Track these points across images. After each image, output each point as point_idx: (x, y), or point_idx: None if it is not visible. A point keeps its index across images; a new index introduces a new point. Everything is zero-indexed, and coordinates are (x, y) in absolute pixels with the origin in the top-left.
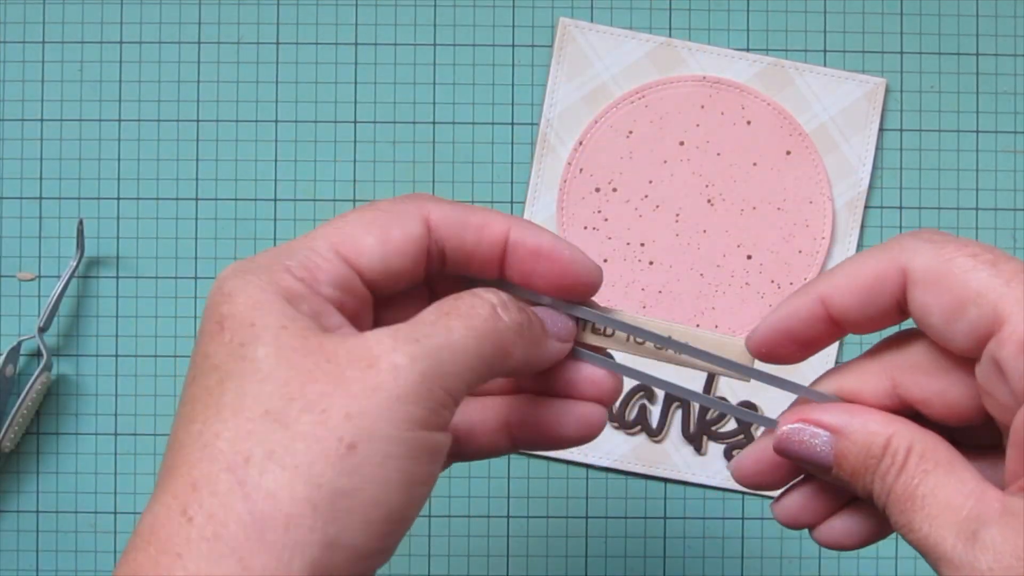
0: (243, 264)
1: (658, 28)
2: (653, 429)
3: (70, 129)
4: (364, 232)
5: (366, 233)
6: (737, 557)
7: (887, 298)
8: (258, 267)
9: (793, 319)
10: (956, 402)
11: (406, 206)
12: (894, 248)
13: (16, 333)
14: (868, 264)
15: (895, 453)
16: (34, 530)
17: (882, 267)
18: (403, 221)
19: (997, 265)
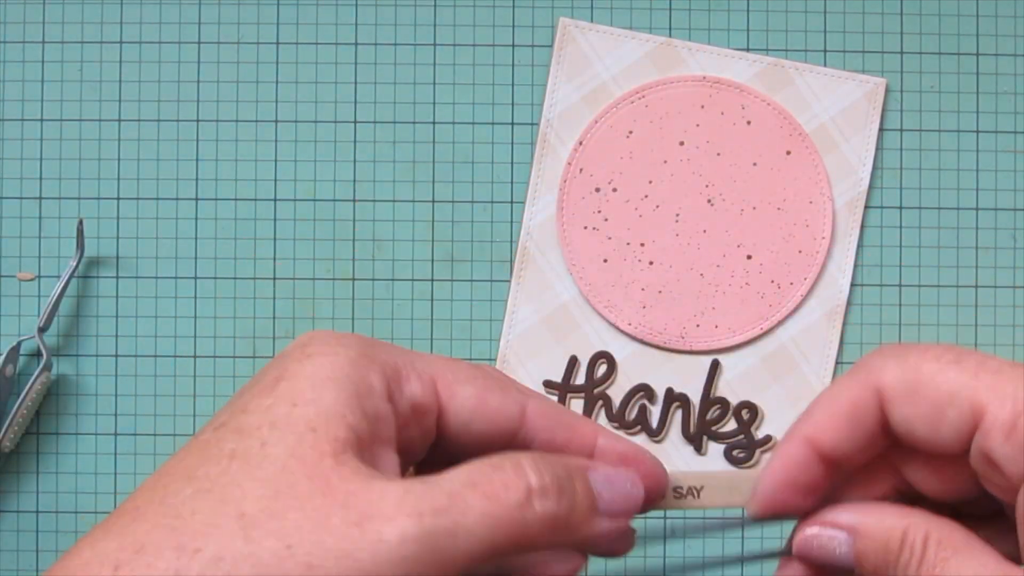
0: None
1: (658, 28)
2: (653, 429)
3: (70, 129)
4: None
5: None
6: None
7: (870, 422)
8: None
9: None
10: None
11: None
12: (862, 372)
13: (16, 333)
14: (842, 394)
15: (913, 545)
16: (34, 530)
17: (856, 393)
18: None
19: (961, 362)
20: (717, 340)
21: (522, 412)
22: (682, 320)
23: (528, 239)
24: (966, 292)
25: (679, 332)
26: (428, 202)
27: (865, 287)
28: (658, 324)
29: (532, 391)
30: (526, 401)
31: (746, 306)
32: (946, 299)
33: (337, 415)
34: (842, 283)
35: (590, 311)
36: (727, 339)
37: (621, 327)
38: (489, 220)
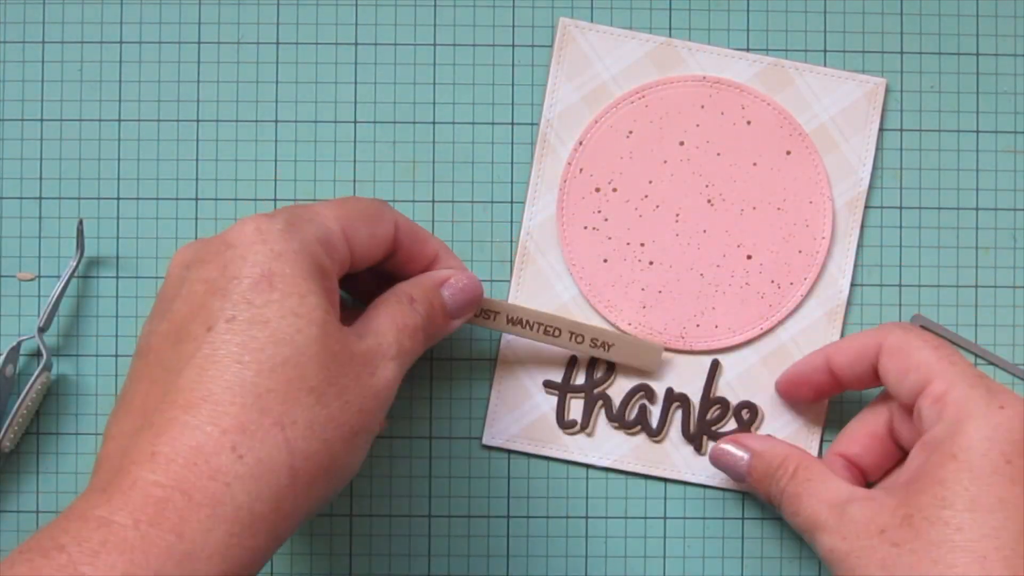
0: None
1: (658, 28)
2: (653, 429)
3: (70, 129)
4: (361, 223)
5: (362, 225)
6: (737, 557)
7: (868, 362)
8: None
9: (806, 365)
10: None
11: (383, 211)
12: (880, 329)
13: (16, 333)
14: (861, 337)
15: (786, 467)
16: (34, 530)
17: (869, 340)
18: (384, 224)
19: (937, 350)
20: (717, 340)
21: (395, 229)
22: (682, 320)
23: (528, 239)
24: (966, 292)
25: (679, 332)
26: (428, 202)
27: (865, 287)
28: (658, 324)
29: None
30: (396, 219)
31: (746, 306)
32: (946, 299)
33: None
34: (842, 283)
35: (590, 311)
36: (727, 339)
37: (621, 327)
38: (489, 220)
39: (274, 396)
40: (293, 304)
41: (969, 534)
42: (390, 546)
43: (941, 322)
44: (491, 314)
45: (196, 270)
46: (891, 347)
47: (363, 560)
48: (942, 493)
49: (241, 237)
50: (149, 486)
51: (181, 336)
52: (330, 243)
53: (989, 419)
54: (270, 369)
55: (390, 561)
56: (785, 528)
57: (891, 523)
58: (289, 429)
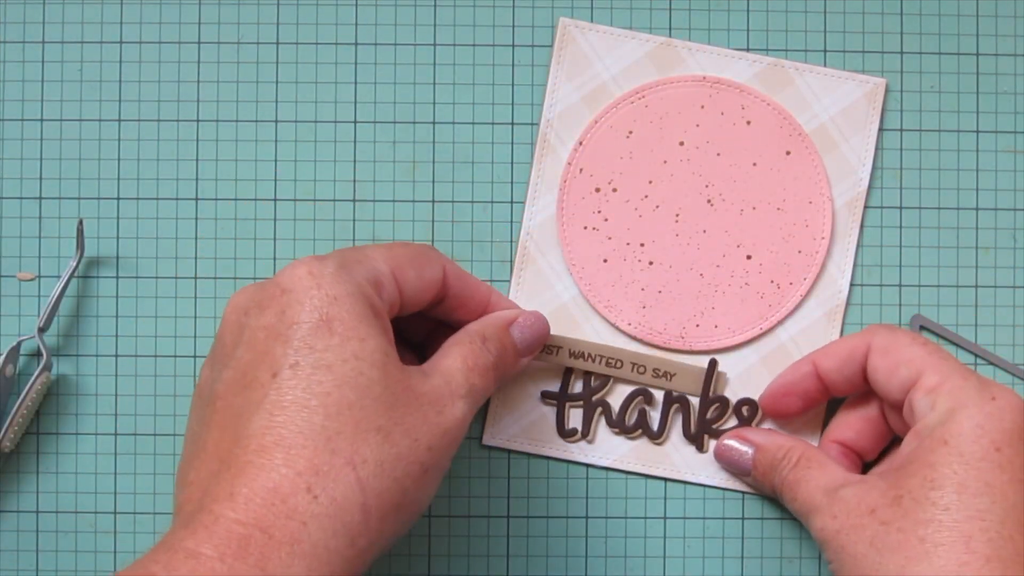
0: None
1: (658, 28)
2: (654, 432)
3: (70, 129)
4: (409, 265)
5: (410, 266)
6: (737, 557)
7: (857, 364)
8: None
9: (792, 374)
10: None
11: (431, 254)
12: (865, 332)
13: (16, 333)
14: (848, 341)
15: (789, 458)
16: (34, 530)
17: (856, 343)
18: (432, 267)
19: (926, 346)
20: (717, 340)
21: (444, 274)
22: (682, 320)
23: (528, 239)
24: (966, 292)
25: (679, 332)
26: (428, 202)
27: (865, 287)
28: (658, 324)
29: (443, 255)
30: (444, 264)
31: (746, 306)
32: (946, 299)
33: (384, 340)
34: (842, 283)
35: (590, 311)
36: (727, 339)
37: (621, 327)
38: (489, 220)
39: (343, 438)
40: (354, 348)
41: (956, 515)
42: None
43: (941, 322)
44: (554, 348)
45: (255, 317)
46: (880, 346)
47: None
48: (931, 475)
49: (295, 282)
50: (231, 523)
51: (247, 383)
52: (380, 284)
53: (981, 408)
54: (337, 412)
55: (390, 561)
56: (785, 528)
57: (881, 503)
58: (360, 468)
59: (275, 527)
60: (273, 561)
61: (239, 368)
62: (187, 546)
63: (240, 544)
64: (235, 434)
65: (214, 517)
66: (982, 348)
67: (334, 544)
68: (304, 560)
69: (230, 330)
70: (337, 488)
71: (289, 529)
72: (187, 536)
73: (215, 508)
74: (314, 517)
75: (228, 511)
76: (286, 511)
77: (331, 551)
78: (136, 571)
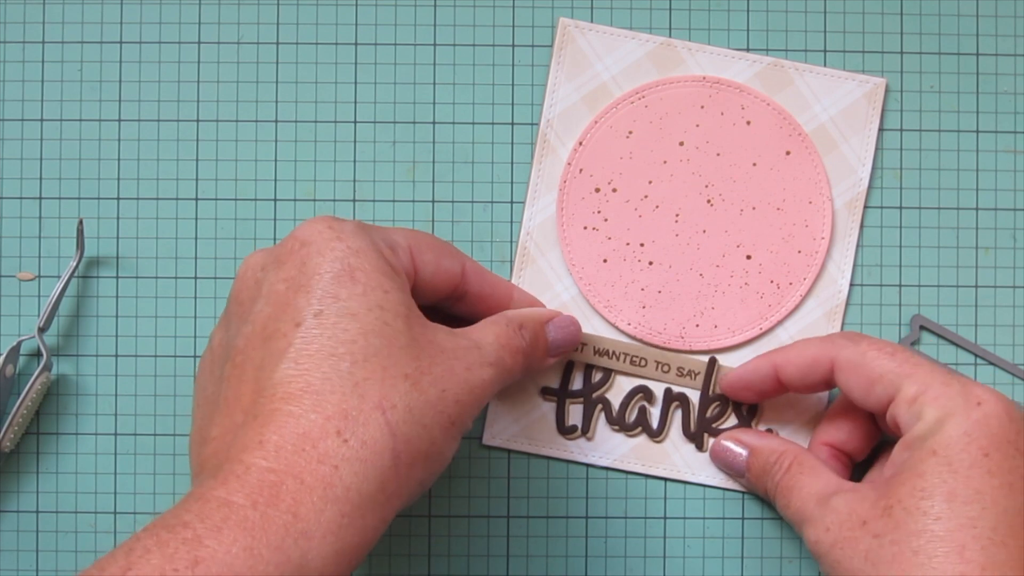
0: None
1: (658, 28)
2: (654, 430)
3: (70, 129)
4: (427, 248)
5: (428, 250)
6: (737, 557)
7: (818, 375)
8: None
9: (752, 374)
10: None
11: (451, 248)
12: (827, 342)
13: (16, 333)
14: (810, 350)
15: (781, 462)
16: (34, 530)
17: (819, 354)
18: (451, 259)
19: (895, 356)
20: (717, 340)
21: (463, 270)
22: (681, 320)
23: (528, 239)
24: (966, 292)
25: (678, 332)
26: (428, 202)
27: (865, 287)
28: (657, 324)
29: (464, 254)
30: (464, 261)
31: (745, 306)
32: (946, 299)
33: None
34: (841, 283)
35: (590, 311)
36: (727, 339)
37: (621, 327)
38: (489, 220)
39: (371, 384)
40: (378, 298)
41: (948, 524)
42: (390, 546)
43: (941, 322)
44: (579, 346)
45: (274, 271)
46: (846, 363)
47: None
48: (921, 485)
49: (315, 235)
50: (262, 472)
51: (269, 334)
52: (396, 251)
53: (968, 415)
54: (364, 359)
55: (390, 561)
56: (785, 528)
57: (872, 514)
58: (390, 413)
59: (306, 472)
60: (306, 506)
61: (259, 322)
62: (218, 495)
63: (272, 491)
64: (258, 385)
65: (245, 467)
66: (982, 348)
67: (366, 488)
68: (336, 504)
69: (246, 287)
70: (367, 432)
71: (321, 473)
72: (217, 486)
73: (244, 457)
74: (345, 461)
75: (259, 459)
76: (317, 456)
77: (363, 495)
78: (168, 520)
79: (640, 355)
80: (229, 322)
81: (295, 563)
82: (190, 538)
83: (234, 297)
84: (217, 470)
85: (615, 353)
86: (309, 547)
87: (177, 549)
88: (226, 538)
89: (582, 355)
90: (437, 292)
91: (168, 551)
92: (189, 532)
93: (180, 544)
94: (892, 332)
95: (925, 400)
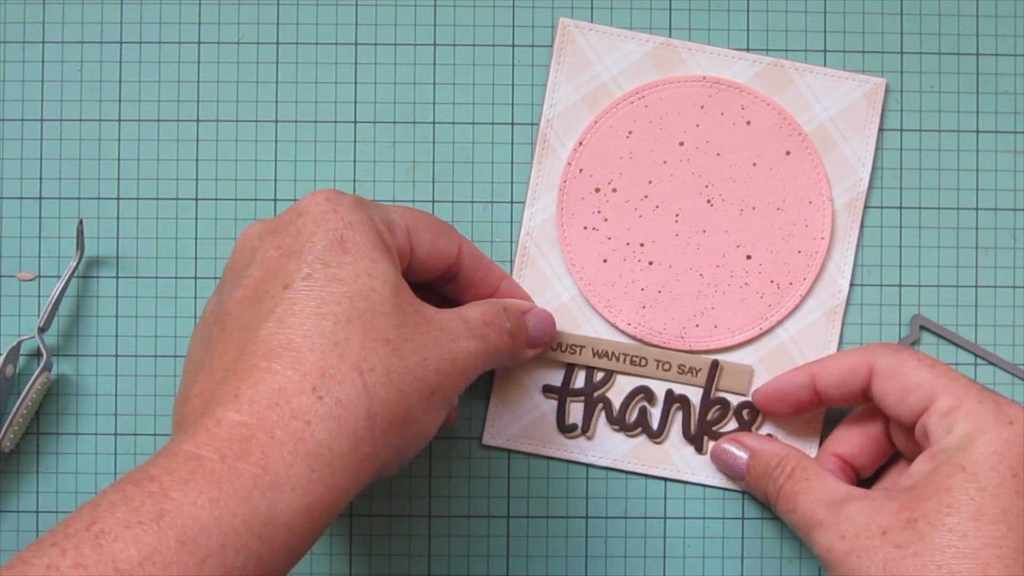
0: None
1: (658, 28)
2: (654, 431)
3: (70, 129)
4: (425, 227)
5: (426, 229)
6: (737, 557)
7: (855, 383)
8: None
9: (789, 384)
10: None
11: (449, 228)
12: (867, 350)
13: (16, 333)
14: (849, 357)
15: (784, 467)
16: (34, 530)
17: (858, 361)
18: (448, 238)
19: (934, 368)
20: (717, 340)
21: (459, 251)
22: (681, 320)
23: (528, 239)
24: (966, 292)
25: (679, 332)
26: (428, 202)
27: (865, 287)
28: (657, 324)
29: (461, 234)
30: (461, 242)
31: (745, 306)
32: (946, 299)
33: (396, 269)
34: (841, 283)
35: (590, 311)
36: (727, 339)
37: (620, 327)
38: (489, 220)
39: (351, 344)
40: (367, 266)
41: (972, 542)
42: (390, 546)
43: (941, 322)
44: (577, 348)
45: (269, 239)
46: (884, 370)
47: (363, 560)
48: (948, 500)
49: (312, 206)
50: (234, 425)
51: (258, 296)
52: (392, 229)
53: (1000, 433)
54: (347, 320)
55: (390, 561)
56: (785, 528)
57: (893, 525)
58: (367, 375)
59: (278, 427)
60: (275, 459)
61: (250, 285)
62: (187, 449)
63: (242, 444)
64: (242, 344)
65: (216, 420)
66: (982, 348)
67: (338, 446)
68: (306, 460)
69: (241, 255)
70: (343, 391)
71: (292, 428)
72: (187, 440)
73: (218, 412)
74: (319, 417)
75: (232, 413)
76: (290, 411)
77: (334, 452)
78: (135, 475)
79: (640, 355)
80: (222, 288)
81: (262, 515)
82: (156, 491)
83: (230, 265)
84: (192, 425)
85: (614, 354)
86: (277, 499)
87: (143, 502)
88: (192, 490)
89: (581, 357)
90: (431, 271)
91: (133, 504)
92: (155, 485)
93: (146, 497)
94: (892, 332)
95: (958, 414)
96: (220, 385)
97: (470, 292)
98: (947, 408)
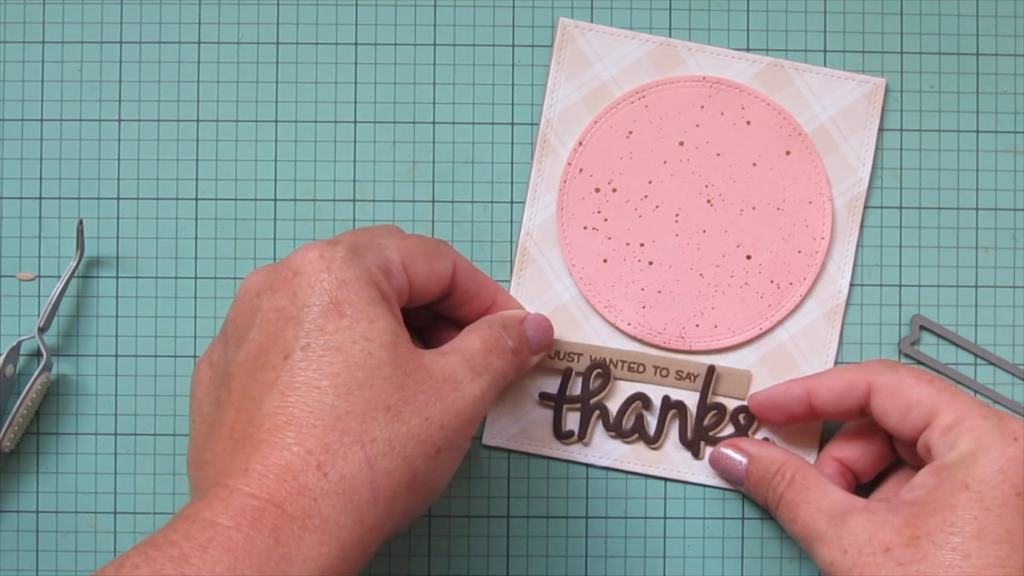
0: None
1: (658, 28)
2: (650, 437)
3: (70, 129)
4: (420, 257)
5: (421, 258)
6: (737, 557)
7: (853, 400)
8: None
9: (783, 395)
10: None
11: (443, 249)
12: (864, 367)
13: (16, 333)
14: (847, 374)
15: (783, 474)
16: (34, 530)
17: (855, 379)
18: (443, 261)
19: (933, 383)
20: (716, 340)
21: (454, 268)
22: (681, 320)
23: (528, 239)
24: (966, 292)
25: (678, 332)
26: (428, 202)
27: (865, 287)
28: (657, 324)
29: (455, 250)
30: (455, 260)
31: (745, 306)
32: (946, 299)
33: (394, 322)
34: (841, 283)
35: (590, 311)
36: (726, 339)
37: (620, 327)
38: (489, 220)
39: (352, 417)
40: (363, 329)
41: (976, 562)
42: (390, 546)
43: (941, 322)
44: (575, 356)
45: (268, 299)
46: (884, 387)
47: None
48: (951, 519)
49: (305, 265)
50: (246, 497)
51: (259, 365)
52: (389, 271)
53: (1004, 451)
54: (347, 392)
55: (390, 561)
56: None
57: (896, 542)
58: (369, 447)
59: (287, 502)
60: (286, 532)
61: (252, 350)
62: (204, 516)
63: (255, 515)
64: (249, 415)
65: (229, 491)
66: (982, 348)
67: (344, 520)
68: (315, 534)
69: (243, 311)
70: (346, 466)
71: (301, 504)
72: (204, 508)
73: (230, 483)
74: (324, 494)
75: (243, 485)
76: (297, 487)
77: (341, 527)
78: (156, 539)
79: (638, 361)
80: (227, 342)
81: None
82: (176, 556)
83: (231, 320)
84: (205, 493)
85: (612, 361)
86: (290, 571)
87: (164, 565)
88: (211, 557)
89: (578, 365)
90: (429, 296)
91: (155, 567)
92: (176, 550)
93: (167, 561)
94: (892, 332)
95: (961, 430)
96: (231, 456)
97: (465, 308)
98: (949, 423)
